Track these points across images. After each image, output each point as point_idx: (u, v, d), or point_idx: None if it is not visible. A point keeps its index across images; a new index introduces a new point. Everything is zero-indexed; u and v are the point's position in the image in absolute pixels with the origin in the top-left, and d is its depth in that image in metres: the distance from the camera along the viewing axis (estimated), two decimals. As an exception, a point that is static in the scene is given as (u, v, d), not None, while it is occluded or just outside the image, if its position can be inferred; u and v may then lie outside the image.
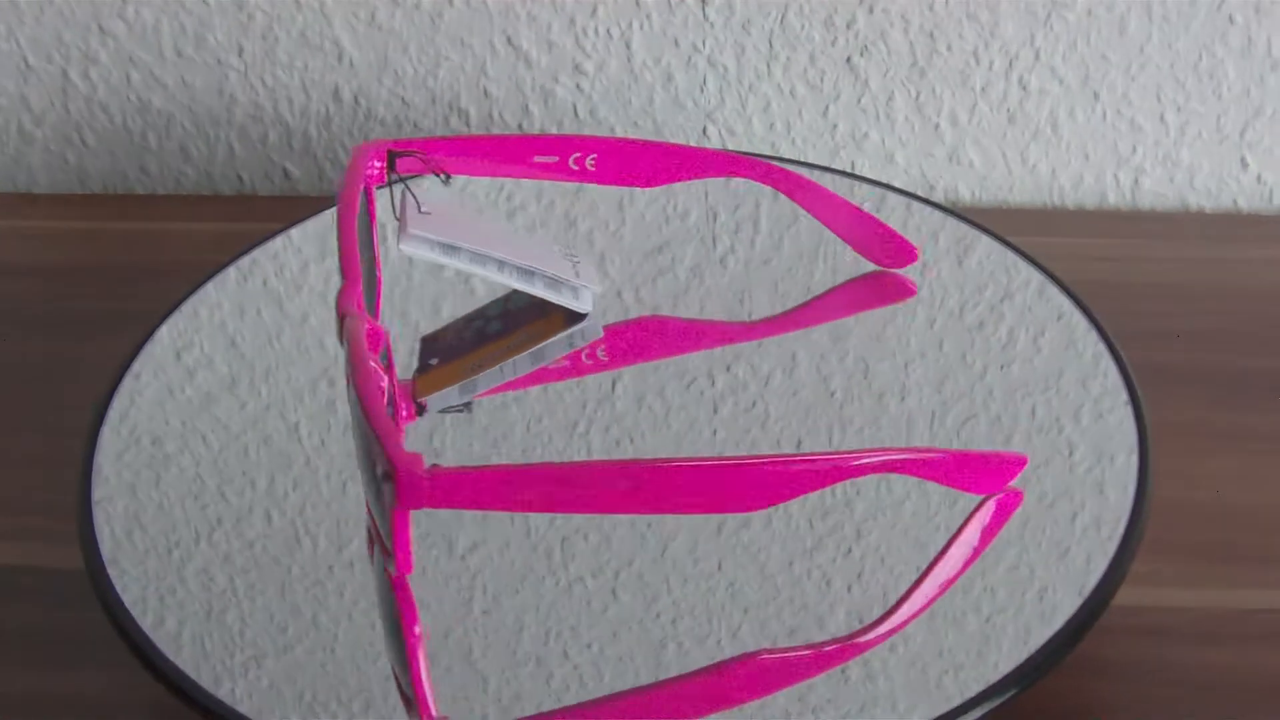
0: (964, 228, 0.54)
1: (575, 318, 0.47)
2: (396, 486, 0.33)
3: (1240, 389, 0.55)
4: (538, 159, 0.50)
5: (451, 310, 0.52)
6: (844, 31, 0.64)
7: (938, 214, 0.55)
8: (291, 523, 0.44)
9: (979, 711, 0.38)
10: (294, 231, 0.55)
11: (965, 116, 0.66)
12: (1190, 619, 0.46)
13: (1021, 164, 0.66)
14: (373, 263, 0.46)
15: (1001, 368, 0.49)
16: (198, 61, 0.67)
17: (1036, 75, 0.65)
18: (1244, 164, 0.66)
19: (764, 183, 0.52)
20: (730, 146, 0.66)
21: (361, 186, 0.45)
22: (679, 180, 0.51)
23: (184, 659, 0.40)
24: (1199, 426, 0.53)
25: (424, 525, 0.43)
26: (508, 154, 0.50)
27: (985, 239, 0.54)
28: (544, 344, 0.47)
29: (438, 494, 0.34)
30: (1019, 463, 0.42)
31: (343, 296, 0.40)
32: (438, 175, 0.49)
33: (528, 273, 0.46)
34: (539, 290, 0.47)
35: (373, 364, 0.38)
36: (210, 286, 0.52)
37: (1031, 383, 0.48)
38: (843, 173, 0.57)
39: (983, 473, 0.41)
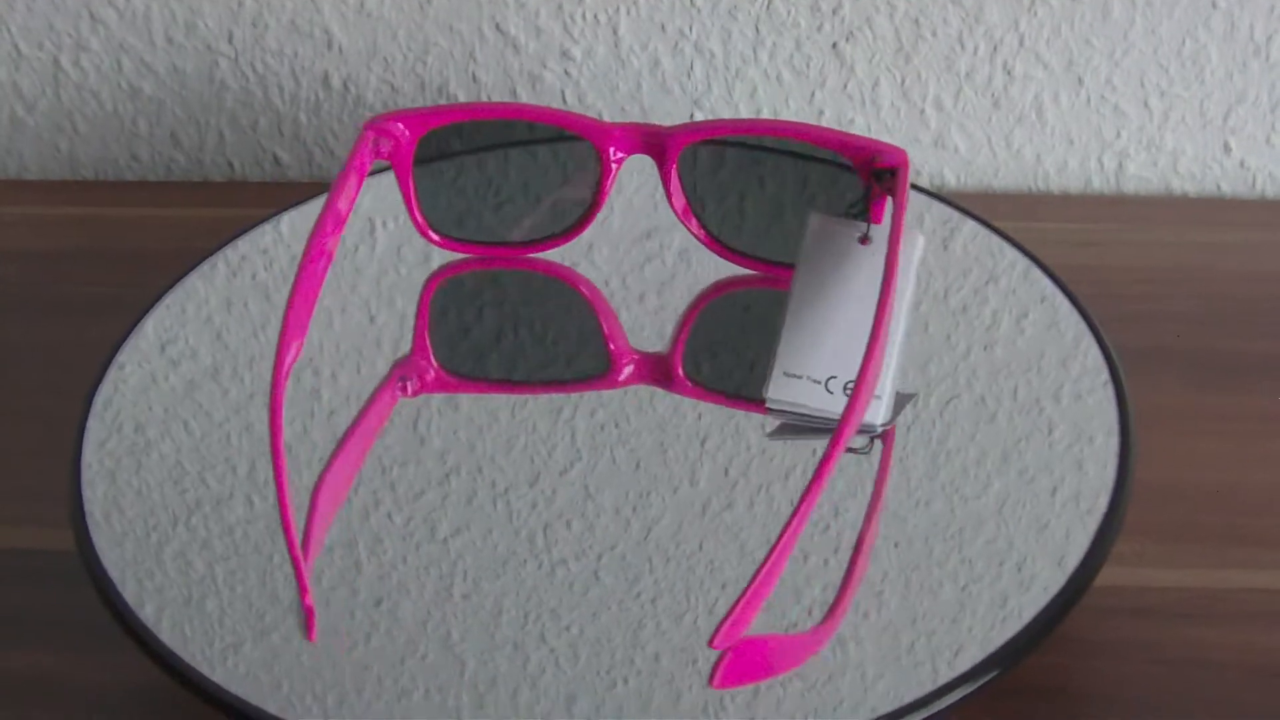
0: (948, 211, 0.54)
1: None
2: None
3: (1223, 371, 0.55)
4: None
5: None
6: (830, 17, 0.65)
7: (922, 197, 0.55)
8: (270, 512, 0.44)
9: (961, 692, 0.38)
10: (284, 218, 0.55)
11: (950, 102, 0.66)
12: (1175, 599, 0.47)
13: (1006, 149, 0.67)
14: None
15: (985, 349, 0.49)
16: (188, 48, 0.67)
17: (1021, 60, 0.65)
18: (1227, 149, 0.66)
19: None
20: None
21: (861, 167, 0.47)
22: None
23: (174, 638, 0.40)
24: (1182, 408, 0.53)
25: (406, 511, 0.44)
26: None
27: (970, 222, 0.54)
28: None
29: None
30: None
31: None
32: (859, 224, 0.48)
33: (781, 359, 0.46)
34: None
35: None
36: (197, 274, 0.52)
37: (1015, 365, 0.48)
38: (828, 159, 0.57)
39: None
